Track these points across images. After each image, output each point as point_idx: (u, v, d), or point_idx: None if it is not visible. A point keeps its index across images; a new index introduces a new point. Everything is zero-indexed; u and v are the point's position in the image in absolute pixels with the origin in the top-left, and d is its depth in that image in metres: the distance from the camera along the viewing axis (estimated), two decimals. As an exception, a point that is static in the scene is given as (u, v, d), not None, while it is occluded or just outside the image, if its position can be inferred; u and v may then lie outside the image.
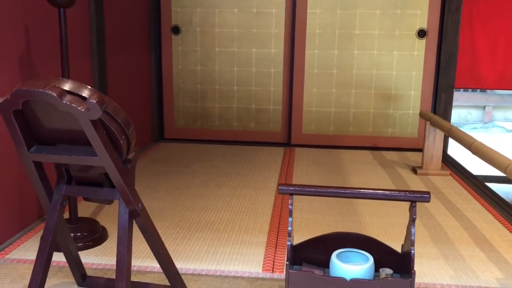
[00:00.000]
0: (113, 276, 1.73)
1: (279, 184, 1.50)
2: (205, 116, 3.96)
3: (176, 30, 3.85)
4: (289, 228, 1.45)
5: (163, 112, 3.99)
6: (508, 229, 2.25)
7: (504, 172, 1.93)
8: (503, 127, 7.49)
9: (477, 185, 2.98)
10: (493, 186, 3.31)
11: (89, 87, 1.18)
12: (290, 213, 1.45)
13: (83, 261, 1.68)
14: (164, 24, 3.85)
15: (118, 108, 1.22)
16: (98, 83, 2.79)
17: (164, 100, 3.97)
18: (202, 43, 3.85)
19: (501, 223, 2.34)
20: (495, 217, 2.41)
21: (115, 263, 1.83)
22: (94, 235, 2.00)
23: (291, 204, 1.45)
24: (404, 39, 3.69)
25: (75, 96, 1.15)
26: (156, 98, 3.93)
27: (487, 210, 2.52)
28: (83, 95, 1.16)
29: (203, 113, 3.95)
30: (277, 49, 3.79)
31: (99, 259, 1.87)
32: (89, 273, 1.70)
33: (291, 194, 1.46)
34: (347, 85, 3.78)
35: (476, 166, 3.53)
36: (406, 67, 3.73)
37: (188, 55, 3.88)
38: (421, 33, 3.67)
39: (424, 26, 3.66)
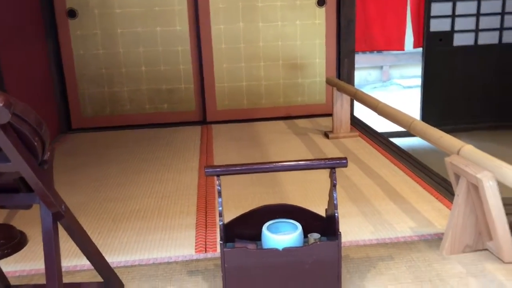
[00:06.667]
0: (40, 281, 1.66)
1: (205, 167, 1.50)
2: (114, 102, 3.81)
3: (72, 13, 3.62)
4: (220, 208, 1.47)
5: (68, 102, 3.78)
6: (415, 180, 2.46)
7: (409, 129, 2.10)
8: (399, 84, 8.03)
9: (383, 142, 3.20)
10: (396, 140, 3.56)
11: (-8, 89, 1.10)
12: (219, 194, 1.47)
13: (4, 270, 1.59)
14: (58, 8, 3.61)
15: (28, 108, 1.14)
16: (-7, 78, 2.58)
17: (67, 89, 3.75)
18: (102, 26, 3.67)
19: (408, 175, 2.54)
20: (402, 171, 2.61)
21: (39, 267, 1.76)
22: (12, 242, 1.88)
23: (219, 185, 1.47)
24: (305, 8, 3.79)
25: (-24, 100, 1.06)
26: (58, 88, 3.70)
27: (395, 164, 2.72)
28: (-14, 98, 1.07)
29: (111, 98, 3.81)
30: (182, 26, 3.72)
31: (21, 265, 1.77)
32: (13, 282, 1.61)
33: (218, 175, 1.48)
34: (255, 58, 3.83)
35: (380, 124, 3.77)
36: (309, 36, 3.84)
37: (88, 39, 3.68)
38: (321, 2, 3.78)
39: (323, -6, 3.78)
